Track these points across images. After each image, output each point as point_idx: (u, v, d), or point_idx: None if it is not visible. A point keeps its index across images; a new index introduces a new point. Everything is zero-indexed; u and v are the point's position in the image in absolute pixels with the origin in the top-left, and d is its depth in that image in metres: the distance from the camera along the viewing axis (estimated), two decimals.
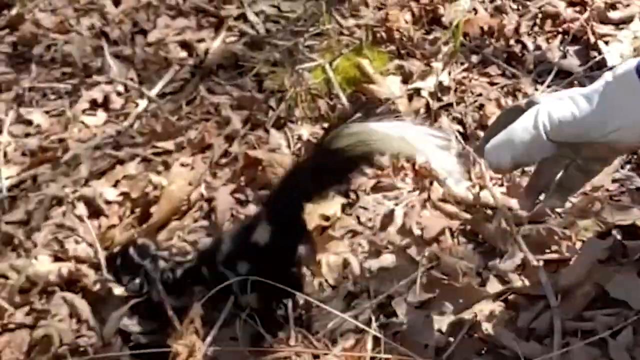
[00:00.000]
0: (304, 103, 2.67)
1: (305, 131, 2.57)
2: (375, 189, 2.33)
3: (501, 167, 1.57)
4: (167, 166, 2.64)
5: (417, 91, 2.58)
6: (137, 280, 2.10)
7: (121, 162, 2.70)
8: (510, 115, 1.59)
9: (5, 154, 2.79)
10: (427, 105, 2.54)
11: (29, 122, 2.94)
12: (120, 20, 3.36)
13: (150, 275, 2.07)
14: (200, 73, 3.01)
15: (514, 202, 2.06)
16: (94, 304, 2.22)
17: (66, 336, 2.14)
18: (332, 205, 2.30)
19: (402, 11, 2.93)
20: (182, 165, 2.62)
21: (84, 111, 2.95)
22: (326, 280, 2.11)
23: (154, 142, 2.74)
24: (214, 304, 1.93)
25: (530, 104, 1.57)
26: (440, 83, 2.56)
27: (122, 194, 2.57)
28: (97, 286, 2.24)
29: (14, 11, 3.53)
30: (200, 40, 3.16)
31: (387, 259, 2.11)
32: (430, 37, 2.81)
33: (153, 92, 2.96)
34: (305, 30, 3.03)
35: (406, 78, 2.64)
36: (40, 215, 2.54)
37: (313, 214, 2.27)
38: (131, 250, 2.11)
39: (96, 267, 2.32)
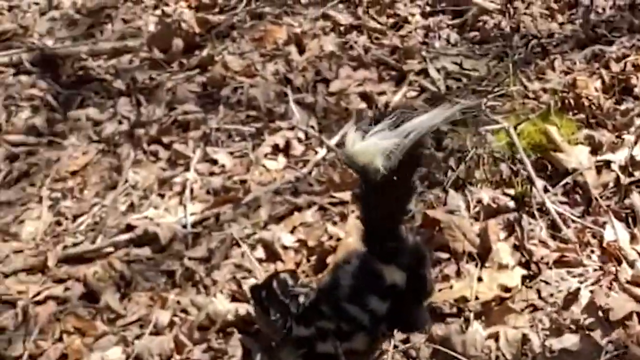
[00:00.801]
0: (485, 166, 2.64)
1: (486, 195, 2.54)
2: (559, 263, 2.27)
3: None
4: (343, 217, 2.68)
5: (607, 164, 2.50)
6: (279, 315, 2.17)
7: (299, 208, 2.76)
8: None
9: (191, 191, 2.92)
10: (617, 179, 2.45)
11: (214, 162, 3.07)
12: (304, 67, 3.46)
13: (289, 309, 2.14)
14: None
15: None
16: (269, 348, 2.27)
17: None
18: (513, 276, 2.25)
19: (591, 78, 2.87)
20: (359, 217, 2.65)
21: (265, 155, 3.05)
22: (503, 355, 2.07)
23: (331, 192, 2.79)
24: None
25: None
26: (632, 157, 2.47)
27: (299, 240, 2.63)
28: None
29: (204, 52, 3.71)
30: (381, 93, 3.21)
31: (570, 340, 2.04)
32: (622, 107, 2.72)
33: (332, 141, 3.02)
34: (488, 90, 3.01)
35: (595, 149, 2.57)
36: (221, 254, 2.64)
37: (492, 282, 2.24)
38: (274, 284, 2.19)
39: None
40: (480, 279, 2.29)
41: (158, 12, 4.15)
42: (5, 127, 3.55)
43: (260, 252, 2.64)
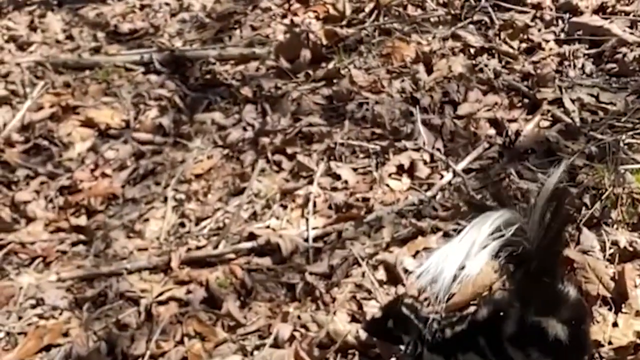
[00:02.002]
0: (622, 206, 2.54)
1: (623, 238, 2.45)
2: None
3: None
4: None
5: None
6: (411, 341, 2.12)
7: (422, 232, 2.72)
8: None
9: (314, 204, 2.92)
10: None
11: (337, 177, 3.07)
12: (431, 87, 3.42)
13: (422, 335, 2.09)
14: (509, 154, 2.97)
15: None
16: None
17: None
18: None
19: None
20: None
21: (390, 174, 3.02)
22: None
23: (456, 219, 2.74)
24: None
25: None
26: None
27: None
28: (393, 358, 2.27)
29: (331, 65, 3.72)
30: (512, 120, 3.13)
31: None
32: None
33: (459, 166, 2.97)
34: (626, 127, 2.90)
35: None
36: (342, 271, 2.63)
37: (628, 329, 2.15)
38: (404, 309, 2.14)
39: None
40: (615, 324, 2.19)
41: (286, 21, 4.20)
42: (134, 124, 3.66)
43: (381, 274, 2.61)
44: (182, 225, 3.02)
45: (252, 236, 2.85)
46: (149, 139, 3.55)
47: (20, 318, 2.69)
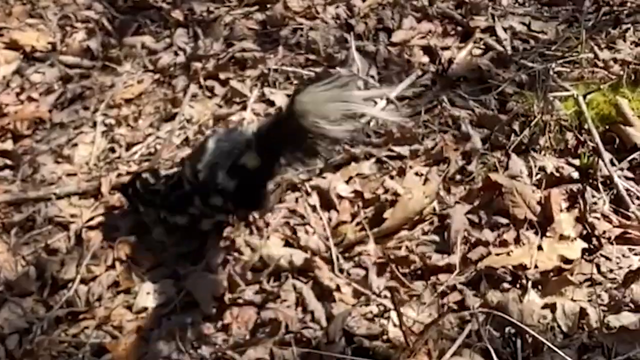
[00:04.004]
0: (550, 133, 2.60)
1: (550, 164, 2.51)
2: (621, 239, 2.25)
3: None
4: (401, 172, 2.66)
5: None
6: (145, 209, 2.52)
7: (356, 159, 2.74)
8: None
9: None
10: None
11: (271, 103, 3.04)
12: (366, 14, 3.40)
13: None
14: (442, 82, 2.99)
15: None
16: (321, 297, 2.29)
17: (292, 324, 2.22)
18: (573, 248, 2.24)
19: None
20: (417, 174, 2.64)
21: None
22: (559, 326, 2.07)
23: (389, 145, 2.76)
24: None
25: None
26: None
27: (355, 191, 2.62)
28: (328, 281, 2.30)
29: None
30: (445, 48, 3.15)
31: (629, 318, 2.03)
32: None
33: (392, 94, 2.97)
34: (556, 55, 2.95)
35: None
36: (275, 197, 2.63)
37: (552, 252, 2.23)
38: (137, 183, 2.51)
39: (327, 261, 2.38)
40: (540, 248, 2.27)
41: None
42: (60, 47, 3.53)
43: (314, 199, 2.62)
44: (112, 150, 2.96)
45: (183, 162, 2.80)
46: (77, 62, 3.44)
47: None
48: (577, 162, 2.52)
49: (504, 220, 2.40)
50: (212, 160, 2.30)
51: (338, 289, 2.29)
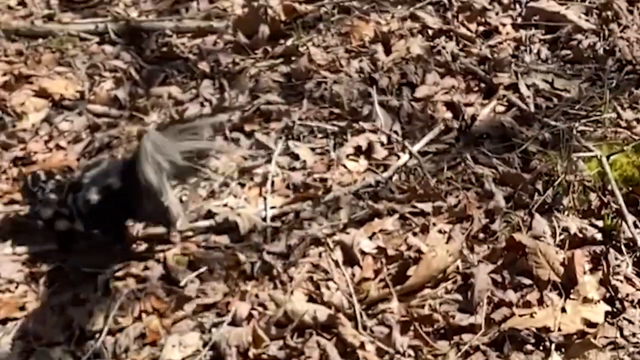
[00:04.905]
0: (574, 193, 2.62)
1: (574, 224, 2.53)
2: None
3: None
4: (424, 229, 2.68)
5: None
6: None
7: (379, 214, 2.77)
8: None
9: (272, 184, 2.94)
10: None
11: (295, 156, 3.08)
12: (389, 68, 3.45)
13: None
14: (465, 138, 3.03)
15: None
16: (345, 354, 2.30)
17: None
18: (597, 311, 2.25)
19: None
20: (440, 232, 2.66)
21: (347, 155, 3.05)
22: None
23: (412, 201, 2.79)
24: None
25: None
26: None
27: (378, 248, 2.65)
28: (351, 338, 2.32)
29: (289, 42, 3.72)
30: (468, 104, 3.19)
31: None
32: None
33: (415, 148, 3.01)
34: (579, 114, 2.98)
35: None
36: (299, 252, 2.66)
37: (575, 315, 2.24)
38: (29, 179, 2.77)
39: (351, 317, 2.40)
40: (563, 310, 2.28)
41: None
42: (88, 96, 3.60)
43: (338, 255, 2.65)
44: None
45: (209, 214, 2.85)
46: (104, 111, 3.50)
47: None
48: (600, 223, 2.53)
49: (528, 281, 2.41)
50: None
51: (362, 346, 2.30)
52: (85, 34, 3.99)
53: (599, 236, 2.49)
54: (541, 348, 2.22)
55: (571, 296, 2.31)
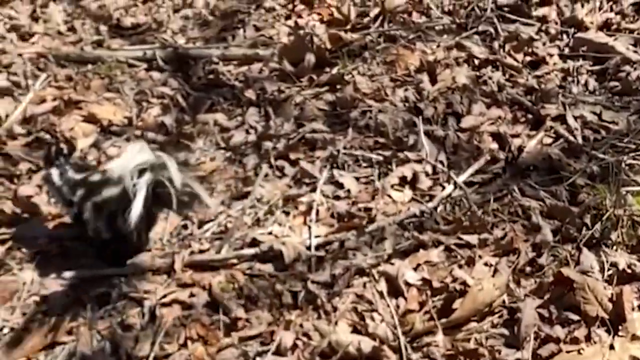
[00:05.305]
0: (623, 228, 2.59)
1: (622, 260, 2.50)
2: None
3: None
4: (469, 261, 2.67)
5: None
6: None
7: (424, 246, 2.76)
8: None
9: (317, 213, 2.95)
10: None
11: (340, 185, 3.09)
12: (435, 98, 3.46)
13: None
14: (511, 170, 3.01)
15: None
16: None
17: None
18: None
19: None
20: (486, 264, 2.64)
21: (392, 185, 3.05)
22: None
23: (458, 233, 2.78)
24: None
25: None
26: None
27: (423, 279, 2.63)
28: None
29: (335, 70, 3.74)
30: (515, 135, 3.17)
31: None
32: None
33: (461, 179, 3.00)
34: (628, 147, 2.95)
35: None
36: (344, 282, 2.66)
37: (624, 353, 2.21)
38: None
39: (395, 350, 2.39)
40: (612, 347, 2.25)
41: (290, 23, 4.20)
42: (136, 121, 3.66)
43: (382, 285, 2.65)
44: (185, 227, 3.03)
45: (254, 242, 2.87)
46: (152, 137, 3.55)
47: (24, 314, 2.69)
48: None
49: (575, 317, 2.38)
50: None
51: None
52: (133, 60, 4.06)
53: None
54: None
55: (619, 333, 2.28)
